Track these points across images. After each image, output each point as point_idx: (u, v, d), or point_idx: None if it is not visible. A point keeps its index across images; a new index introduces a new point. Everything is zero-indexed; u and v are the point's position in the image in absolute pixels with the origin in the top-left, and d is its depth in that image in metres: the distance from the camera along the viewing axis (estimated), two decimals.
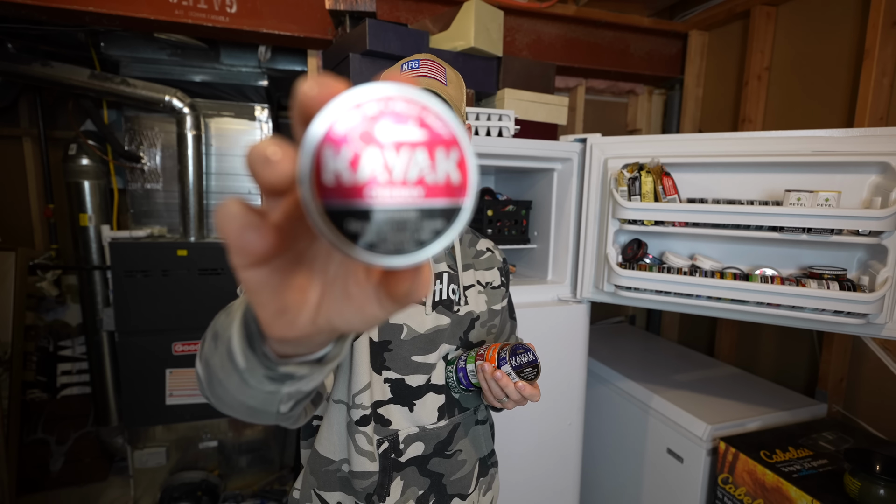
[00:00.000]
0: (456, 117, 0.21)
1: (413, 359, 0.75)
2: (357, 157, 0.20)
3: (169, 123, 2.04)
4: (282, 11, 1.69)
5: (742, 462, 1.29)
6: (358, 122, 0.20)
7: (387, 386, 0.74)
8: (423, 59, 0.76)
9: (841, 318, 1.11)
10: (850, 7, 1.56)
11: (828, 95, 1.64)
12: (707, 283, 1.23)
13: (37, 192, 2.20)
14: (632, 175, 1.28)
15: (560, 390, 1.47)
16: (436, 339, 0.76)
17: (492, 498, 0.88)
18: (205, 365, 0.45)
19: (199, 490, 2.00)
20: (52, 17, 1.57)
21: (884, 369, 1.45)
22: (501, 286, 0.91)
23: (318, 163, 0.20)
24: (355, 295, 0.26)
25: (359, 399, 0.70)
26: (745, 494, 1.29)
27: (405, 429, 0.75)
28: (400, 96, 0.21)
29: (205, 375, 0.46)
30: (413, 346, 0.74)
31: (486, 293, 0.86)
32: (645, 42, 2.15)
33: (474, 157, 0.22)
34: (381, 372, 0.73)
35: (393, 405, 0.74)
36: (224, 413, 0.47)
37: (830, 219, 1.07)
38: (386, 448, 0.73)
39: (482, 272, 0.88)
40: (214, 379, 0.42)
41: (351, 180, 0.20)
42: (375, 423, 0.73)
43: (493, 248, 0.95)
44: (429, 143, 0.21)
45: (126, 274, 1.86)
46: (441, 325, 0.76)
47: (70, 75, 1.87)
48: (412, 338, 0.74)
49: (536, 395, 0.69)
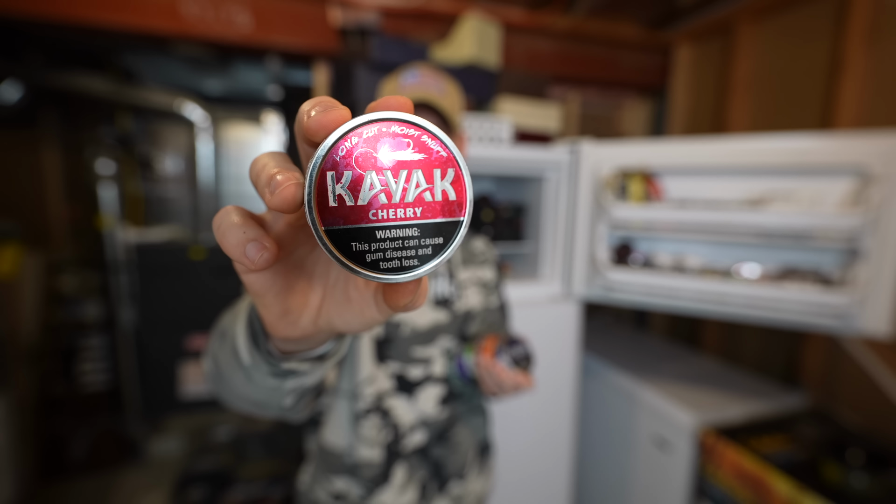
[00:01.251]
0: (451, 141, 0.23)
1: (413, 351, 0.79)
2: (359, 180, 0.22)
3: (186, 130, 2.15)
4: (293, 26, 1.79)
5: (727, 452, 1.34)
6: (359, 146, 0.22)
7: (390, 378, 0.78)
8: (421, 70, 0.78)
9: (821, 317, 1.17)
10: (829, 20, 1.62)
11: (808, 103, 1.70)
12: (691, 283, 1.29)
13: (59, 194, 2.31)
14: (621, 179, 1.36)
15: (553, 383, 1.54)
16: (434, 334, 0.81)
17: (487, 482, 0.94)
18: (213, 361, 0.46)
19: (214, 476, 2.10)
20: (74, 30, 1.67)
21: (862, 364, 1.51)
22: (496, 284, 0.96)
23: (321, 187, 0.22)
24: (355, 300, 0.28)
25: (361, 389, 0.75)
26: (729, 483, 1.35)
27: (407, 419, 0.79)
28: (398, 120, 0.22)
29: (212, 372, 0.47)
30: (413, 341, 0.78)
31: (481, 290, 0.91)
32: (634, 54, 2.23)
33: (469, 174, 0.24)
34: (386, 363, 0.78)
35: (395, 396, 0.78)
36: (231, 407, 0.49)
37: (810, 220, 1.13)
38: (388, 438, 0.77)
39: (478, 269, 0.93)
40: (221, 375, 0.44)
41: (353, 203, 0.22)
42: (379, 412, 0.77)
43: (488, 245, 0.99)
44: (426, 165, 0.23)
45: (145, 273, 1.97)
46: (439, 321, 0.82)
47: (91, 84, 1.98)
48: (410, 332, 0.79)
49: (531, 384, 0.74)
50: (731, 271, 1.30)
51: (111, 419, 2.40)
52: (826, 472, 1.19)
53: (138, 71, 2.07)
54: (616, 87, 2.33)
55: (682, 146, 1.35)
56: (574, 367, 1.56)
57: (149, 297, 1.99)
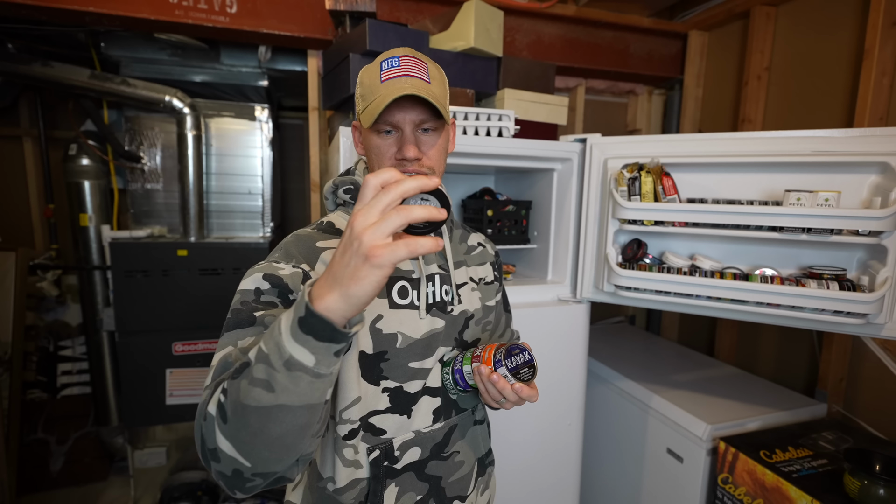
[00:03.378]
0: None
1: (410, 365, 0.73)
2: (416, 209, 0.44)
3: (169, 123, 2.05)
4: (282, 11, 1.69)
5: (742, 462, 1.29)
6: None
7: (385, 396, 0.72)
8: (402, 56, 0.70)
9: (840, 318, 1.11)
10: (850, 7, 1.56)
11: (827, 95, 1.64)
12: (707, 283, 1.22)
13: (37, 192, 2.21)
14: (631, 175, 1.29)
15: (560, 390, 1.47)
16: (432, 344, 0.75)
17: (489, 497, 0.88)
18: (237, 407, 0.47)
19: (199, 490, 2.00)
20: (53, 17, 1.57)
21: (883, 369, 1.45)
22: (495, 281, 0.90)
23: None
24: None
25: (346, 414, 0.69)
26: (744, 494, 1.29)
27: (400, 435, 0.73)
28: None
29: (234, 418, 0.47)
30: (410, 353, 0.72)
31: (479, 290, 0.85)
32: (645, 42, 2.15)
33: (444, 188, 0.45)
34: (380, 382, 0.71)
35: (389, 414, 0.72)
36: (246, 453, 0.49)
37: (830, 219, 1.07)
38: (377, 456, 0.71)
39: (474, 268, 0.86)
40: (246, 414, 0.47)
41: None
42: (365, 432, 0.71)
43: (485, 242, 0.93)
44: None
45: (126, 274, 1.87)
46: (436, 329, 0.75)
47: (70, 75, 1.88)
48: (408, 345, 0.72)
49: (534, 396, 0.69)
50: (748, 271, 1.24)
51: (92, 428, 2.30)
52: (847, 483, 1.12)
53: (120, 61, 1.97)
54: (626, 78, 2.26)
55: (696, 141, 1.28)
56: (582, 371, 1.49)
57: (132, 299, 1.88)
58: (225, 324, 0.61)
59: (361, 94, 0.72)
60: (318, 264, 0.67)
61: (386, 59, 0.70)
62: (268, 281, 0.62)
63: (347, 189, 0.79)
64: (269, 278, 0.62)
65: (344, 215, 0.79)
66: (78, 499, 2.22)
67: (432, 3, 1.82)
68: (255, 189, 2.20)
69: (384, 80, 0.68)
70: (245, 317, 0.59)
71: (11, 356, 2.01)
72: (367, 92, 0.70)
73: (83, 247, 2.07)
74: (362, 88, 0.72)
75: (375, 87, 0.69)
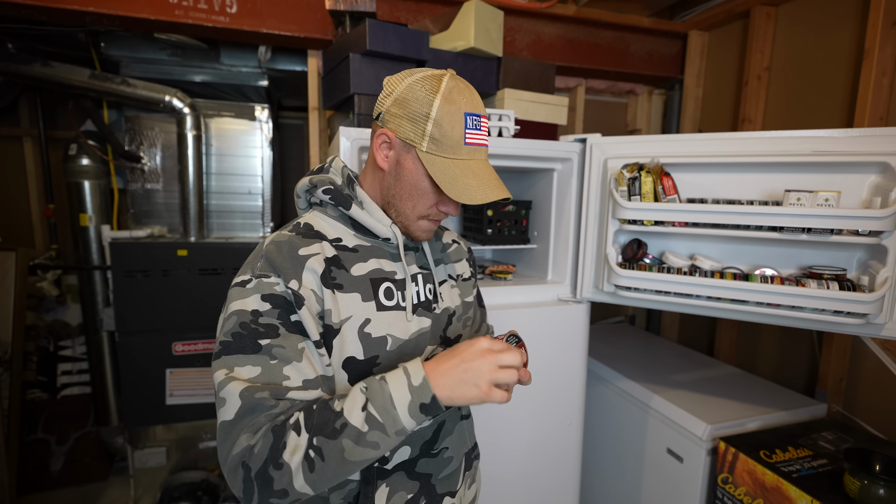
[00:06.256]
0: None
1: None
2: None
3: (169, 123, 2.05)
4: (282, 11, 1.69)
5: (742, 462, 1.29)
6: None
7: None
8: (483, 117, 0.71)
9: (841, 318, 1.11)
10: (850, 7, 1.56)
11: (827, 95, 1.64)
12: (707, 283, 1.22)
13: (37, 192, 2.21)
14: (631, 175, 1.28)
15: (560, 390, 1.46)
16: (420, 343, 0.76)
17: (476, 490, 0.89)
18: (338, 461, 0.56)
19: (200, 490, 1.99)
20: (53, 17, 1.57)
21: (883, 369, 1.45)
22: (471, 277, 0.93)
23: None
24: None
25: None
26: (744, 494, 1.29)
27: None
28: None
29: (331, 467, 0.56)
30: (400, 355, 0.73)
31: (458, 286, 0.87)
32: (645, 42, 2.15)
33: None
34: None
35: None
36: (321, 487, 0.58)
37: (830, 219, 1.07)
38: None
39: (452, 265, 0.89)
40: (360, 464, 0.57)
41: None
42: None
43: (458, 238, 0.95)
44: None
45: (126, 274, 1.87)
46: (423, 328, 0.76)
47: (70, 75, 1.88)
48: (398, 346, 0.73)
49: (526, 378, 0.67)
50: (748, 271, 1.24)
51: (92, 428, 2.30)
52: (847, 483, 1.12)
53: (120, 61, 1.97)
54: (626, 78, 2.26)
55: (696, 141, 1.28)
56: (581, 371, 1.49)
57: (132, 299, 1.88)
58: (223, 343, 0.61)
59: (435, 135, 0.67)
60: (304, 273, 0.66)
61: (470, 116, 0.69)
62: (267, 302, 0.62)
63: (327, 189, 0.74)
64: (269, 299, 0.63)
65: (321, 216, 0.76)
66: (78, 499, 2.22)
67: (432, 3, 1.82)
68: (255, 189, 2.20)
69: (469, 142, 0.69)
70: (248, 343, 0.60)
71: (11, 356, 2.00)
72: (445, 139, 0.67)
73: (83, 247, 2.07)
74: (438, 128, 0.67)
75: (458, 144, 0.68)
